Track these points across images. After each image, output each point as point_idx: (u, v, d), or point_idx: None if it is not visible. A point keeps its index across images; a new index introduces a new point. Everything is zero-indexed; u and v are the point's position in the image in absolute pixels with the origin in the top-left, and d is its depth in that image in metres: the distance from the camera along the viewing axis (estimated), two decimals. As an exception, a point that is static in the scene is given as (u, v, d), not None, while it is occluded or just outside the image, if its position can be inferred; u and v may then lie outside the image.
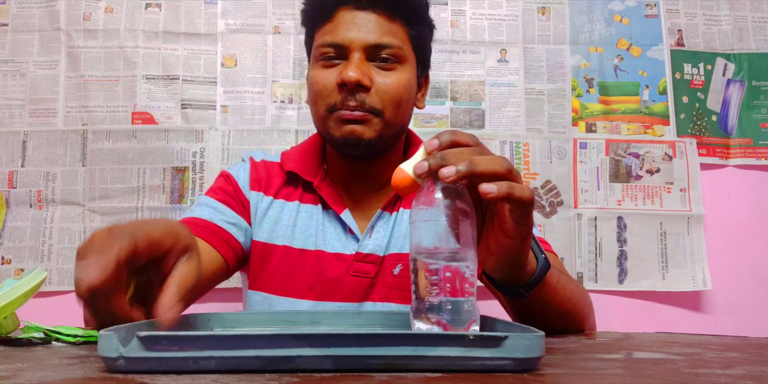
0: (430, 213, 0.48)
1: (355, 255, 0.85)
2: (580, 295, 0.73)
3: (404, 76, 0.82)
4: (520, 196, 0.50)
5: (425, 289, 0.47)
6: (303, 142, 0.96)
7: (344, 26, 0.81)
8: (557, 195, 1.39)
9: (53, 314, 1.27)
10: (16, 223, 1.32)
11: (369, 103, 0.79)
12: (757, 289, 1.40)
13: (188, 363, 0.39)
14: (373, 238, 0.85)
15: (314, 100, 0.83)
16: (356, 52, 0.80)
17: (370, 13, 0.81)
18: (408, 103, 0.84)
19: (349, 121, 0.79)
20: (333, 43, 0.81)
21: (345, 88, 0.78)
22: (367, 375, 0.39)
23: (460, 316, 0.46)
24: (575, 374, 0.41)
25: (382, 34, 0.81)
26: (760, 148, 1.44)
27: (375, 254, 0.84)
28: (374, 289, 0.84)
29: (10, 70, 1.36)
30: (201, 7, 1.39)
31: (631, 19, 1.45)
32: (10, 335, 0.60)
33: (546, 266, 0.62)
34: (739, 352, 0.53)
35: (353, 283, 0.84)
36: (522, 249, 0.56)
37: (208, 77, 1.38)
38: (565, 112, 1.42)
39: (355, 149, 0.82)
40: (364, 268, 0.84)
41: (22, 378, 0.38)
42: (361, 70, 0.78)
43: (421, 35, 0.86)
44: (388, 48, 0.81)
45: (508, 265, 0.58)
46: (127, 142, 1.34)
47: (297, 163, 0.90)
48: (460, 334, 0.40)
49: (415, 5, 0.85)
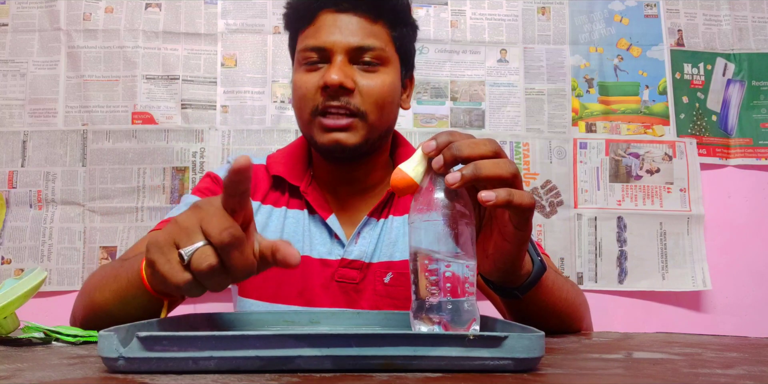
0: (430, 213, 0.48)
1: (340, 261, 0.84)
2: (575, 295, 0.73)
3: (388, 77, 0.82)
4: (519, 203, 0.50)
5: (425, 289, 0.47)
6: (289, 145, 0.95)
7: (326, 29, 0.80)
8: (557, 195, 1.39)
9: (53, 314, 1.27)
10: (16, 223, 1.32)
11: (353, 104, 0.79)
12: (757, 289, 1.40)
13: (188, 363, 0.39)
14: (359, 245, 0.84)
15: (298, 104, 0.83)
16: (339, 55, 0.79)
17: (351, 15, 0.81)
18: (392, 104, 0.84)
19: (332, 129, 0.79)
20: (315, 47, 0.81)
21: (328, 90, 0.78)
22: (367, 375, 0.39)
23: (461, 316, 0.47)
24: (575, 374, 0.41)
25: (364, 36, 0.80)
26: (760, 148, 1.44)
27: (360, 260, 0.84)
28: (362, 296, 0.83)
29: (10, 70, 1.36)
30: (201, 7, 1.39)
31: (631, 19, 1.45)
32: (10, 335, 0.60)
33: (542, 269, 0.62)
34: (739, 352, 0.54)
35: (338, 289, 0.83)
36: (519, 253, 0.56)
37: (208, 77, 1.38)
38: (565, 112, 1.42)
39: (340, 154, 0.82)
40: (349, 274, 0.83)
41: (22, 378, 0.38)
42: (344, 72, 0.78)
43: (404, 36, 0.86)
44: (370, 50, 0.80)
45: (505, 269, 0.58)
46: (127, 142, 1.34)
47: (283, 167, 0.89)
48: (460, 334, 0.40)
49: (397, 6, 0.85)
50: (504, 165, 0.50)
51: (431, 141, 0.51)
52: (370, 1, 0.81)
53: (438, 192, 0.49)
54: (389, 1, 0.83)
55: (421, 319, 0.48)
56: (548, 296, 0.66)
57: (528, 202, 0.51)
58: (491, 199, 0.49)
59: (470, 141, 0.50)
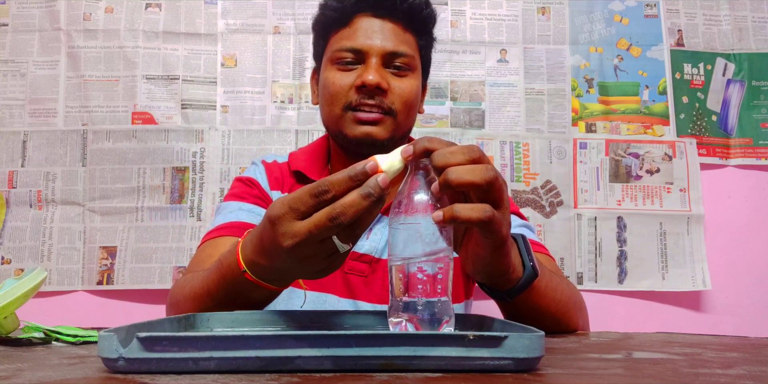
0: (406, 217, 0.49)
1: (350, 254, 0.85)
2: (570, 295, 0.73)
3: (415, 82, 0.87)
4: (467, 218, 0.48)
5: (399, 289, 0.49)
6: (310, 144, 0.99)
7: (363, 32, 0.85)
8: (557, 195, 1.39)
9: (53, 314, 1.27)
10: (16, 223, 1.32)
11: (386, 103, 0.84)
12: (757, 289, 1.40)
13: (188, 364, 0.39)
14: (369, 240, 0.87)
15: (329, 100, 0.86)
16: (374, 57, 0.84)
17: (387, 21, 0.86)
18: (416, 107, 0.90)
19: (365, 122, 0.84)
20: (352, 48, 0.85)
21: (364, 89, 0.83)
22: (367, 375, 0.39)
23: (432, 316, 0.48)
24: (575, 374, 0.41)
25: (398, 42, 0.86)
26: (760, 148, 1.44)
27: (370, 255, 0.87)
28: (370, 289, 0.86)
29: (10, 70, 1.36)
30: (201, 7, 1.39)
31: (631, 19, 1.45)
32: (10, 335, 0.60)
33: (532, 275, 0.62)
34: (739, 352, 0.54)
35: (347, 280, 0.86)
36: (495, 259, 0.56)
37: (208, 77, 1.38)
38: (565, 112, 1.42)
39: (367, 149, 0.84)
40: (358, 267, 0.87)
41: (22, 378, 0.38)
42: (380, 74, 0.83)
43: (427, 46, 0.92)
44: (403, 56, 0.86)
45: (484, 271, 0.59)
46: (127, 142, 1.34)
47: (303, 162, 0.93)
48: (460, 334, 0.40)
49: (428, 18, 0.90)
50: (478, 171, 0.48)
51: (409, 146, 0.51)
52: (407, 10, 0.86)
53: (415, 195, 0.50)
54: (422, 12, 0.88)
55: (396, 316, 0.49)
56: (541, 299, 0.66)
57: (477, 216, 0.48)
58: (438, 218, 0.48)
59: (447, 150, 0.49)
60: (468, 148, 0.50)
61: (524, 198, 1.38)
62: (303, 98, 1.38)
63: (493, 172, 0.49)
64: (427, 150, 0.50)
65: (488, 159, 0.51)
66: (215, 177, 1.35)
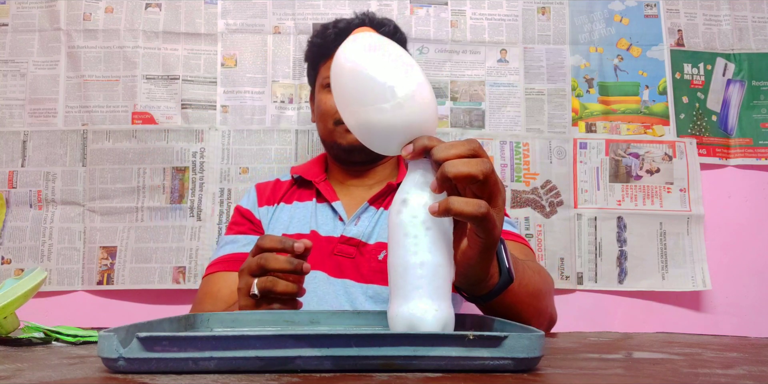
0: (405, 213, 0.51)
1: (339, 237, 0.97)
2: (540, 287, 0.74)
3: None
4: (459, 210, 0.48)
5: None
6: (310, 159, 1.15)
7: None
8: (557, 195, 1.39)
9: (53, 314, 1.27)
10: (16, 223, 1.32)
11: None
12: (757, 289, 1.40)
13: (188, 364, 0.39)
14: (358, 226, 0.98)
15: (323, 118, 1.03)
16: None
17: None
18: None
19: None
20: None
21: None
22: (367, 375, 0.39)
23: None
24: (575, 374, 0.41)
25: None
26: (760, 148, 1.44)
27: (358, 239, 0.96)
28: (358, 270, 0.95)
29: (10, 70, 1.36)
30: (201, 7, 1.39)
31: (631, 19, 1.45)
32: (10, 335, 0.60)
33: (508, 281, 0.62)
34: (739, 352, 0.54)
35: (336, 261, 0.96)
36: (480, 262, 0.55)
37: (208, 77, 1.38)
38: (565, 112, 1.42)
39: (359, 155, 1.00)
40: (347, 250, 0.96)
41: (22, 378, 0.38)
42: None
43: None
44: None
45: (466, 275, 0.58)
46: (127, 142, 1.34)
47: (302, 168, 1.09)
48: (460, 334, 0.40)
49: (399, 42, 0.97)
50: (475, 164, 0.49)
51: (408, 145, 0.51)
52: None
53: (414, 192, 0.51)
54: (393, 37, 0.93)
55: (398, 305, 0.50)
56: (513, 297, 0.66)
57: (470, 210, 0.48)
58: (433, 209, 0.48)
59: (446, 144, 0.50)
60: (467, 141, 0.51)
61: (524, 198, 1.38)
62: (303, 98, 1.38)
63: (490, 165, 0.50)
64: (427, 148, 0.51)
65: (486, 153, 0.52)
66: (215, 177, 1.35)
